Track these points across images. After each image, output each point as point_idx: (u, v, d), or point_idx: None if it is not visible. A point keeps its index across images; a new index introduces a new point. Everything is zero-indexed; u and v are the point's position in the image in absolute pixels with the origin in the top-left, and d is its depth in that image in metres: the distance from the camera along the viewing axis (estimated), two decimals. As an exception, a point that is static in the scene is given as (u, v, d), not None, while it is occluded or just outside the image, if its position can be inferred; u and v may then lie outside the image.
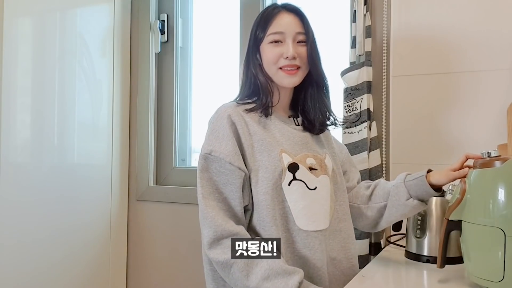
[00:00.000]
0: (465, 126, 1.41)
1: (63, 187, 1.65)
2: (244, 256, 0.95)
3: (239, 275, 0.94)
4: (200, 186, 1.01)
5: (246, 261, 0.95)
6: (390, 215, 1.13)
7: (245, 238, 0.97)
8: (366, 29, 1.51)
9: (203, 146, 1.04)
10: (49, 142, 1.61)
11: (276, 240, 0.98)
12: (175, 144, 1.96)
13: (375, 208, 1.15)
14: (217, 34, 1.98)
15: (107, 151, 1.85)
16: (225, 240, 0.96)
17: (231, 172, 0.99)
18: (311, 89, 1.15)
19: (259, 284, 0.92)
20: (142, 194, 1.93)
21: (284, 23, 1.08)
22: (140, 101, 1.94)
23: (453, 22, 1.44)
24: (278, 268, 0.94)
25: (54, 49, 1.63)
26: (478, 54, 1.41)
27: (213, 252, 0.96)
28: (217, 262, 0.96)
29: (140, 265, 1.93)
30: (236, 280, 0.95)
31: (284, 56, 1.07)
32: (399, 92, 1.51)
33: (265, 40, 1.08)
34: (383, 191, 1.15)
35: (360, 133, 1.49)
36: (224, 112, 1.05)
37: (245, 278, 0.94)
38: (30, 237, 1.52)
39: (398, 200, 1.10)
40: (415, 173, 1.11)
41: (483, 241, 0.88)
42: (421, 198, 1.09)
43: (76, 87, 1.71)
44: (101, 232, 1.82)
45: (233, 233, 0.97)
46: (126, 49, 1.93)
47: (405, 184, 1.10)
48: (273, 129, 1.09)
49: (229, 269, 0.95)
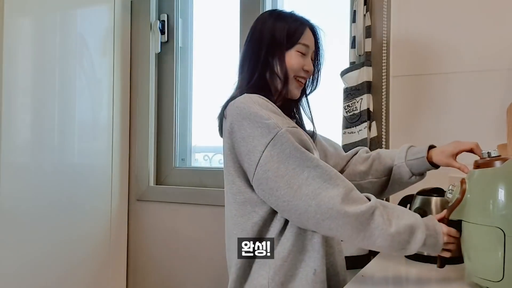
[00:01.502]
0: (465, 126, 1.41)
1: (63, 187, 1.65)
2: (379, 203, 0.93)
3: (381, 220, 0.90)
4: (297, 160, 0.93)
5: (382, 207, 0.93)
6: (393, 190, 1.21)
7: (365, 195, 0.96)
8: (366, 29, 1.51)
9: (269, 126, 0.94)
10: (49, 142, 1.61)
11: None
12: (175, 144, 1.96)
13: (376, 183, 1.20)
14: (217, 34, 1.98)
15: (107, 151, 1.85)
16: (354, 192, 0.93)
17: (308, 138, 1.03)
18: (303, 100, 1.20)
19: (399, 228, 0.90)
20: (142, 194, 1.93)
21: (310, 38, 1.12)
22: (140, 101, 1.94)
23: (452, 22, 1.44)
24: (400, 208, 0.96)
25: (54, 49, 1.63)
26: (478, 54, 1.41)
27: (353, 207, 0.90)
28: (361, 212, 0.89)
29: (140, 265, 1.93)
30: (376, 227, 0.90)
31: (305, 68, 1.11)
32: (399, 92, 1.51)
33: (295, 47, 1.09)
34: (383, 166, 1.20)
35: (360, 133, 1.49)
36: (257, 96, 1.01)
37: (387, 222, 0.90)
38: (30, 236, 1.52)
39: (400, 179, 1.17)
40: (418, 148, 1.17)
41: (483, 241, 0.88)
42: (422, 173, 1.17)
43: (76, 87, 1.71)
44: (101, 232, 1.82)
45: (353, 186, 0.95)
46: (126, 49, 1.93)
47: (407, 163, 1.15)
48: None
49: (372, 216, 0.90)
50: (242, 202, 1.01)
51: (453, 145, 1.11)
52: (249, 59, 1.11)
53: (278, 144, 0.93)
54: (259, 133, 0.95)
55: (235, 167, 1.00)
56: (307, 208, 0.91)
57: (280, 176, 0.93)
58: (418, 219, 0.93)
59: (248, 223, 1.00)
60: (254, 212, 1.00)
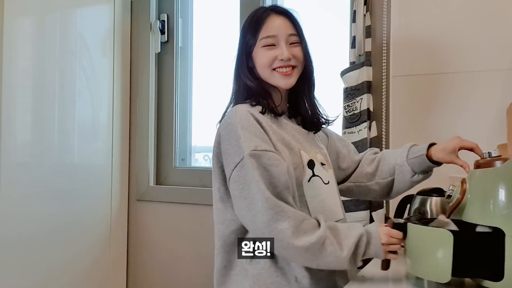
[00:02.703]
0: (465, 126, 1.41)
1: (63, 187, 1.65)
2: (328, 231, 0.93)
3: (332, 248, 0.91)
4: (256, 187, 0.94)
5: (331, 232, 0.93)
6: (399, 189, 1.19)
7: (315, 218, 0.96)
8: (366, 29, 1.51)
9: (241, 147, 0.96)
10: (49, 142, 1.61)
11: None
12: (175, 144, 1.96)
13: (383, 183, 1.20)
14: (217, 34, 1.98)
15: (107, 151, 1.85)
16: (304, 224, 0.93)
17: (280, 162, 0.97)
18: (305, 90, 1.15)
19: (350, 248, 0.91)
20: (142, 194, 1.93)
21: (275, 26, 1.06)
22: (140, 101, 1.93)
23: (452, 22, 1.44)
24: (346, 225, 0.96)
25: (54, 49, 1.62)
26: (478, 54, 1.41)
27: (302, 239, 0.91)
28: (311, 245, 0.91)
29: (140, 266, 1.93)
30: (329, 255, 0.91)
31: (279, 58, 1.06)
32: (399, 92, 1.50)
33: (258, 44, 1.07)
34: (388, 166, 1.19)
35: (360, 133, 1.49)
36: (246, 111, 1.02)
37: (338, 247, 0.91)
38: (30, 237, 1.52)
39: (403, 178, 1.16)
40: (419, 147, 1.15)
41: (428, 242, 0.88)
42: (426, 171, 1.15)
43: (76, 87, 1.71)
44: (101, 232, 1.82)
45: (304, 215, 0.95)
46: (126, 49, 1.93)
47: (408, 162, 1.14)
48: (286, 127, 1.10)
49: (323, 246, 0.91)
50: (223, 209, 1.04)
51: (455, 141, 1.09)
52: (235, 68, 1.14)
53: (244, 166, 0.95)
54: (233, 152, 0.98)
55: (220, 174, 1.04)
56: (262, 236, 0.95)
57: (243, 197, 0.96)
58: (361, 232, 0.93)
59: (226, 230, 1.04)
60: (233, 221, 1.03)
